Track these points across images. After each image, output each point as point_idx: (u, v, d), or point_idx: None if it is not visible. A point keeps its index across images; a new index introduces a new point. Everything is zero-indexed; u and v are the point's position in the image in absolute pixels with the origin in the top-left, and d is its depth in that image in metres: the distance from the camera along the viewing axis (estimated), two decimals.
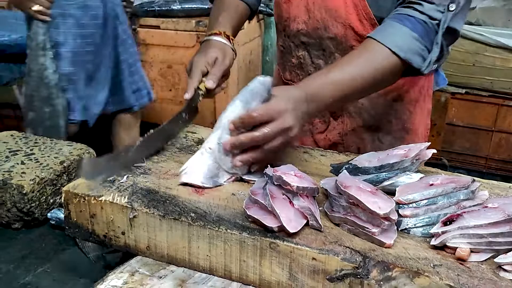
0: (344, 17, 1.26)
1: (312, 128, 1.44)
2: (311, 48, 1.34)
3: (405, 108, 1.37)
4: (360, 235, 0.88)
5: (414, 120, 1.39)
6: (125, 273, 0.90)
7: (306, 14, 1.31)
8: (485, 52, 2.85)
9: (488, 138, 3.01)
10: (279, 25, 1.41)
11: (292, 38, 1.37)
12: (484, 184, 1.11)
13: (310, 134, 1.45)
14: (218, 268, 0.91)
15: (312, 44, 1.34)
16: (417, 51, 1.11)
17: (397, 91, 1.34)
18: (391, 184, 1.02)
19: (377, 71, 1.11)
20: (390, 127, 1.38)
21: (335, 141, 1.42)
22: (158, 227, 0.93)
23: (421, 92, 1.38)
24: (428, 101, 1.42)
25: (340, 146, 1.42)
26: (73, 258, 1.14)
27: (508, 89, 2.88)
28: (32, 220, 1.20)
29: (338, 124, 1.40)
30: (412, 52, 1.11)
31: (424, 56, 1.12)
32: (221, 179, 1.05)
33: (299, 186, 0.90)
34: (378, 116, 1.36)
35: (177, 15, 2.87)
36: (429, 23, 1.11)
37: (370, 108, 1.36)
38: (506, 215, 0.85)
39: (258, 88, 1.05)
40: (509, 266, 0.81)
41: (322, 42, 1.31)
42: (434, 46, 1.12)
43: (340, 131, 1.41)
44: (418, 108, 1.39)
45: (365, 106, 1.36)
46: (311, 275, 0.84)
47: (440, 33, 1.12)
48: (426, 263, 0.82)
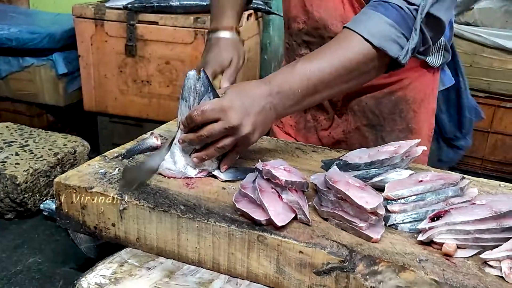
0: (343, 15, 1.25)
1: (317, 124, 1.43)
2: (313, 47, 1.32)
3: (409, 107, 1.35)
4: (348, 230, 0.89)
5: (418, 119, 1.36)
6: (114, 264, 0.91)
7: (305, 15, 1.31)
8: (483, 53, 2.85)
9: (484, 139, 3.02)
10: (285, 24, 1.41)
11: (294, 37, 1.37)
12: (474, 182, 1.12)
13: (314, 131, 1.44)
14: (207, 261, 0.92)
15: (314, 43, 1.32)
16: (393, 38, 1.03)
17: (402, 90, 1.33)
18: (381, 180, 1.03)
19: (349, 60, 1.04)
20: (394, 126, 1.36)
21: (339, 139, 1.41)
22: (148, 219, 0.94)
23: (426, 92, 1.36)
24: (433, 101, 1.39)
25: (344, 144, 1.41)
26: (65, 249, 1.15)
27: (505, 90, 2.88)
28: (25, 210, 1.21)
29: (342, 122, 1.39)
30: (387, 39, 1.03)
31: (401, 43, 1.04)
32: (191, 173, 1.05)
33: (288, 180, 0.90)
34: (382, 115, 1.35)
35: (176, 11, 2.87)
36: (405, 8, 1.03)
37: (374, 107, 1.35)
38: (493, 212, 0.86)
39: (190, 83, 1.04)
40: (495, 262, 0.81)
41: (323, 41, 1.28)
42: (413, 33, 1.04)
43: (344, 129, 1.40)
44: (423, 108, 1.36)
45: (369, 105, 1.35)
46: (298, 268, 0.85)
47: (419, 19, 1.04)
48: (412, 258, 0.82)
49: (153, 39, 2.90)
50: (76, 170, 1.04)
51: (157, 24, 2.88)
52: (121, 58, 2.99)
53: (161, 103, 3.01)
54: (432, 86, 1.37)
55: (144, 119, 3.05)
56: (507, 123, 2.95)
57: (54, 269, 1.05)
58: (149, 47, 2.92)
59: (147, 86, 3.01)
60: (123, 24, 2.92)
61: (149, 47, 2.92)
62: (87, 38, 3.01)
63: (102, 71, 3.05)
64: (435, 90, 1.39)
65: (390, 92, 1.33)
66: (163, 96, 3.00)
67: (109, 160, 1.10)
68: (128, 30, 2.91)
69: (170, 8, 2.87)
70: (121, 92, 3.06)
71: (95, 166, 1.07)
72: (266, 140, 1.32)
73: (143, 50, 2.94)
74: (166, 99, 3.00)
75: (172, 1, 2.86)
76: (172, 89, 2.97)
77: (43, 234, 1.18)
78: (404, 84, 1.31)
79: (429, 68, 1.31)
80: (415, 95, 1.34)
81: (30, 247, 1.12)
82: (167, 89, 2.98)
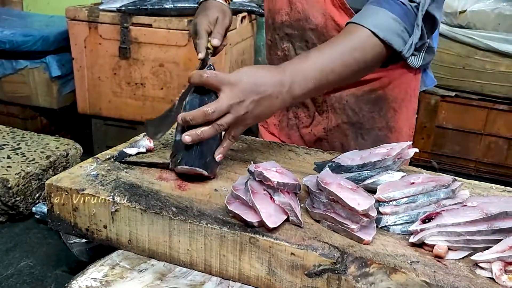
0: (323, 7, 1.27)
1: (298, 122, 1.45)
2: (295, 40, 1.35)
3: (389, 106, 1.37)
4: (340, 232, 0.89)
5: (398, 119, 1.38)
6: (105, 266, 0.91)
7: (288, 6, 1.34)
8: (475, 55, 2.86)
9: (477, 142, 3.03)
10: (269, 20, 1.43)
11: (277, 30, 1.39)
12: (465, 184, 1.12)
13: (296, 128, 1.46)
14: (199, 263, 0.92)
15: (295, 35, 1.35)
16: (397, 32, 1.10)
17: (382, 89, 1.35)
18: (373, 182, 1.03)
19: (357, 52, 1.09)
20: (374, 124, 1.37)
21: (320, 136, 1.43)
22: (140, 221, 0.93)
23: (407, 91, 1.38)
24: (414, 101, 1.41)
25: (325, 141, 1.43)
26: (57, 252, 1.14)
27: (498, 92, 2.90)
28: (17, 214, 1.20)
29: (323, 119, 1.41)
30: (392, 33, 1.09)
31: (404, 38, 1.11)
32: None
33: (280, 182, 0.90)
34: (362, 113, 1.36)
35: (170, 14, 2.87)
36: (407, 5, 1.10)
37: (354, 105, 1.36)
38: (484, 213, 0.86)
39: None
40: (486, 264, 0.82)
41: (304, 33, 1.32)
42: (415, 28, 1.11)
43: (325, 126, 1.41)
44: (404, 107, 1.38)
45: (349, 102, 1.36)
46: (289, 270, 0.85)
47: (420, 15, 1.10)
48: (404, 260, 0.82)
49: (147, 42, 2.90)
50: (67, 172, 1.04)
51: (151, 27, 2.88)
52: (115, 61, 2.99)
53: (155, 105, 3.01)
54: (414, 86, 1.39)
55: (138, 121, 3.04)
56: (500, 125, 2.96)
57: (46, 272, 1.05)
58: (143, 49, 2.92)
59: (141, 89, 3.00)
60: (117, 27, 2.92)
61: (143, 50, 2.92)
62: (80, 41, 3.00)
63: (96, 74, 3.04)
64: (417, 91, 1.41)
65: (371, 90, 1.34)
66: (157, 99, 2.99)
67: (101, 162, 1.10)
68: (121, 33, 2.91)
69: (163, 11, 2.87)
70: (115, 95, 3.05)
71: (87, 168, 1.06)
72: (258, 142, 1.32)
73: (137, 53, 2.94)
74: (160, 101, 2.99)
75: (166, 3, 2.87)
76: (166, 91, 2.97)
77: (35, 237, 1.17)
78: (384, 83, 1.33)
79: (410, 69, 1.33)
80: (395, 94, 1.36)
81: (22, 250, 1.11)
82: (161, 91, 2.97)
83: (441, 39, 2.91)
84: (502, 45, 2.77)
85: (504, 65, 2.82)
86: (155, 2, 2.88)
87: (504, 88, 2.86)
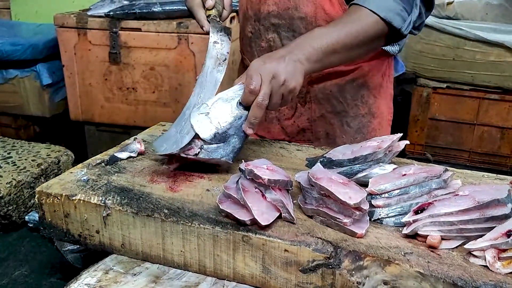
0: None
1: (279, 115, 1.47)
2: (281, 30, 1.37)
3: (370, 93, 1.42)
4: (333, 226, 0.88)
5: (379, 104, 1.44)
6: (99, 272, 0.90)
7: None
8: (465, 46, 2.86)
9: (470, 132, 3.03)
10: (249, 11, 1.43)
11: (262, 21, 1.40)
12: (457, 173, 1.12)
13: (277, 121, 1.48)
14: (193, 264, 0.91)
15: (282, 25, 1.36)
16: (397, 11, 1.18)
17: (363, 77, 1.40)
18: (365, 176, 1.03)
19: (361, 28, 1.16)
20: (358, 111, 1.42)
21: (304, 127, 1.45)
22: (132, 225, 0.93)
23: (383, 78, 1.44)
24: (390, 87, 1.48)
25: (309, 132, 1.45)
26: (51, 260, 1.13)
27: (488, 82, 2.89)
28: (10, 223, 1.20)
29: (306, 110, 1.43)
30: (392, 12, 1.17)
31: (403, 16, 1.19)
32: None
33: (271, 179, 0.90)
34: (346, 101, 1.41)
35: (158, 17, 2.85)
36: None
37: (338, 94, 1.40)
38: (476, 202, 0.86)
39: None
40: (479, 252, 0.82)
41: (293, 22, 1.34)
42: (414, 7, 1.20)
43: (309, 117, 1.44)
44: (382, 93, 1.45)
45: (333, 92, 1.40)
46: (284, 267, 0.85)
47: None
48: (397, 252, 0.82)
49: (136, 46, 2.89)
50: (58, 179, 1.03)
51: (140, 31, 2.86)
52: (105, 66, 2.97)
53: (148, 109, 2.99)
54: (389, 72, 1.47)
55: (131, 126, 3.03)
56: (493, 115, 2.96)
57: (40, 281, 1.04)
58: (133, 53, 2.91)
59: (133, 93, 2.99)
60: (106, 32, 2.90)
61: (133, 54, 2.91)
62: (70, 48, 2.99)
63: (87, 80, 3.03)
64: (391, 77, 1.49)
65: (353, 79, 1.40)
66: (149, 102, 2.98)
67: (91, 167, 1.10)
68: (111, 38, 2.89)
69: (152, 14, 2.86)
70: (107, 100, 3.04)
71: (78, 174, 1.06)
72: (249, 140, 1.32)
73: (127, 57, 2.92)
74: (152, 105, 2.98)
75: (154, 7, 2.86)
76: (158, 94, 2.95)
77: (29, 245, 1.16)
78: (364, 70, 1.39)
79: (384, 56, 1.42)
80: (374, 81, 1.43)
81: (16, 259, 1.11)
82: (153, 95, 2.96)
83: (430, 31, 2.91)
84: (490, 35, 2.77)
85: (494, 55, 2.83)
86: (144, 6, 2.87)
87: (495, 77, 2.86)
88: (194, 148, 1.06)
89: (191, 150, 1.06)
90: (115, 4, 2.97)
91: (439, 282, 0.76)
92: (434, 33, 2.91)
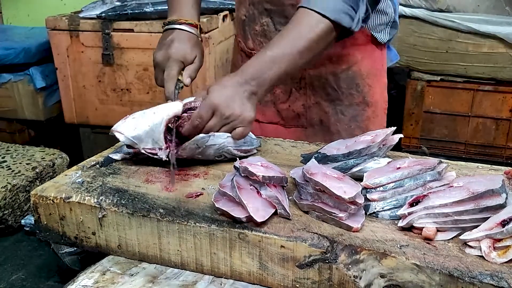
0: None
1: (274, 98, 1.47)
2: (274, 15, 1.37)
3: (364, 82, 1.42)
4: (328, 221, 0.89)
5: (373, 93, 1.44)
6: (96, 273, 0.90)
7: None
8: (458, 38, 2.87)
9: (465, 124, 3.03)
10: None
11: (256, 5, 1.40)
12: (452, 165, 1.13)
13: (272, 104, 1.48)
14: (190, 262, 0.91)
15: (275, 11, 1.37)
16: (344, 11, 1.17)
17: (357, 65, 1.40)
18: (360, 170, 1.03)
19: (312, 39, 1.15)
20: (352, 100, 1.43)
21: (299, 112, 1.46)
22: (128, 225, 0.93)
23: (377, 67, 1.45)
24: (384, 75, 1.48)
25: (303, 117, 1.46)
26: (48, 263, 1.13)
27: (482, 73, 2.90)
28: (6, 227, 1.19)
29: (301, 96, 1.44)
30: (340, 12, 1.16)
31: (351, 15, 1.18)
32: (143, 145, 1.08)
33: (265, 175, 0.90)
34: (340, 89, 1.42)
35: (150, 17, 2.85)
36: None
37: (333, 82, 1.41)
38: (471, 193, 0.86)
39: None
40: (474, 242, 0.82)
41: (285, 8, 1.34)
42: (360, 4, 1.19)
43: (304, 103, 1.45)
44: (376, 82, 1.45)
45: (329, 80, 1.41)
46: (281, 263, 0.85)
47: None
48: (393, 245, 0.82)
49: (129, 47, 2.88)
50: (52, 181, 1.03)
51: (133, 31, 2.86)
52: (98, 68, 2.96)
53: (142, 110, 2.99)
54: (382, 61, 1.47)
55: None
56: (487, 106, 2.97)
57: (38, 284, 1.04)
58: (126, 54, 2.90)
59: (127, 94, 2.99)
60: (98, 34, 2.89)
61: (126, 55, 2.90)
62: (63, 50, 2.98)
63: (80, 82, 3.02)
64: (385, 66, 1.49)
65: (348, 67, 1.40)
66: (143, 103, 2.97)
67: (86, 169, 1.09)
68: (103, 39, 2.88)
69: (144, 15, 2.85)
70: (101, 102, 3.03)
71: (72, 176, 1.06)
72: None
73: (120, 58, 2.92)
74: (146, 105, 2.94)
75: (146, 7, 2.85)
76: (152, 95, 2.95)
77: (26, 249, 1.16)
78: (358, 59, 1.39)
79: (378, 45, 1.42)
80: (368, 70, 1.43)
81: (13, 263, 1.10)
82: (147, 95, 2.96)
83: (423, 24, 2.92)
84: (482, 26, 2.77)
85: (486, 46, 2.83)
86: (135, 7, 2.86)
87: (488, 68, 2.87)
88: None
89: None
90: (107, 6, 2.96)
91: (436, 274, 0.77)
92: (427, 26, 2.91)
